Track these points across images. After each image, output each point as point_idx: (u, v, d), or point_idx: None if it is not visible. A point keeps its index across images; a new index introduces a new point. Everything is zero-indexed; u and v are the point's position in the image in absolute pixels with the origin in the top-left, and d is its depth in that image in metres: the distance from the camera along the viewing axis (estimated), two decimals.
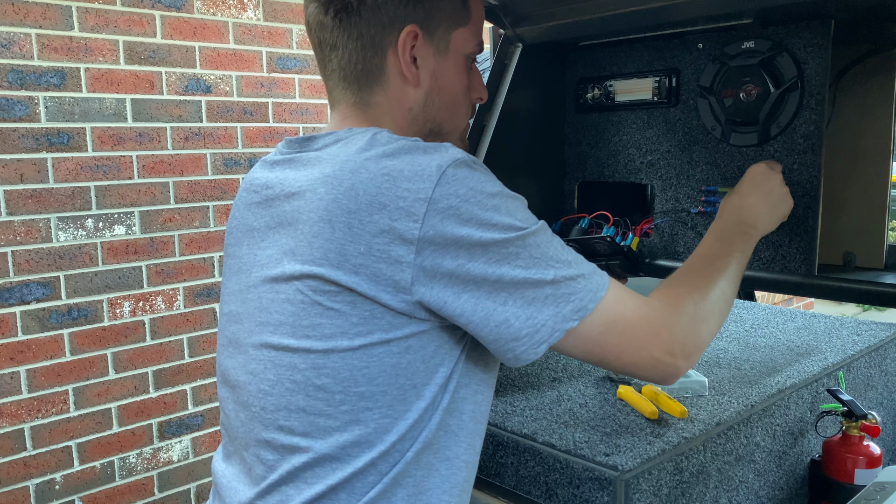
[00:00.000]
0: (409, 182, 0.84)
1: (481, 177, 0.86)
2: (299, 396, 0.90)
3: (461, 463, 0.95)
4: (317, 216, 0.87)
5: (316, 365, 0.88)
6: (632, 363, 0.92)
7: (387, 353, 0.87)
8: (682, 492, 1.23)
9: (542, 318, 0.86)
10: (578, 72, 1.67)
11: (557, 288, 0.86)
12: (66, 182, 2.53)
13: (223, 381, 1.03)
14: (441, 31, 1.00)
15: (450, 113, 1.05)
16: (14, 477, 2.50)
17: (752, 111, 1.35)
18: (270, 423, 0.93)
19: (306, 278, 0.87)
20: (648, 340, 0.91)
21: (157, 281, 2.78)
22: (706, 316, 0.97)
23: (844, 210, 1.39)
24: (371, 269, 0.84)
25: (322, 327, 0.88)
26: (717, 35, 1.42)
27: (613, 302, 0.89)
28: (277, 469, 0.92)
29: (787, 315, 2.12)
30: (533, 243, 0.86)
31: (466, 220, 0.83)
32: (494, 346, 0.88)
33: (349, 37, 0.96)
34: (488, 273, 0.84)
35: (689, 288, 0.99)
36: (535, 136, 1.67)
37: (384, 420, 0.88)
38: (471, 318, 0.86)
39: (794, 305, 5.16)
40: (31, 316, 2.49)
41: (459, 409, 0.93)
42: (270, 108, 3.04)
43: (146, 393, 2.79)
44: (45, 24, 2.44)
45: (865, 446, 1.51)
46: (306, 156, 0.95)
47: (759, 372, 1.59)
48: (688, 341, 0.94)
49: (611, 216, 1.51)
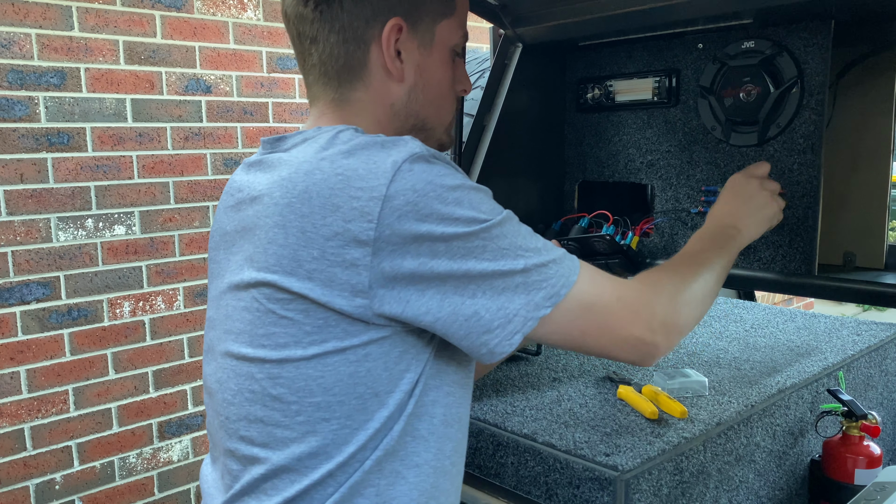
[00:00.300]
0: (363, 181, 0.80)
1: (441, 170, 0.82)
2: (257, 407, 0.88)
3: (429, 469, 0.90)
4: (272, 221, 0.84)
5: (271, 375, 0.86)
6: (612, 344, 0.89)
7: (342, 361, 0.84)
8: (682, 492, 1.23)
9: (513, 308, 0.82)
10: (578, 72, 1.67)
11: (528, 276, 0.83)
12: (66, 182, 2.53)
13: (204, 386, 1.02)
14: (426, 24, 0.96)
15: (435, 108, 1.01)
16: (14, 477, 2.50)
17: (752, 111, 1.35)
18: (233, 433, 0.92)
19: (261, 286, 0.85)
20: (627, 320, 0.89)
21: (157, 281, 2.78)
22: (688, 299, 0.95)
23: (844, 210, 1.39)
24: (325, 274, 0.81)
25: (276, 336, 0.85)
26: (717, 35, 1.42)
27: (588, 285, 0.86)
28: (240, 479, 0.91)
29: (787, 315, 2.12)
30: (499, 234, 0.83)
31: (426, 216, 0.79)
32: (466, 343, 0.84)
33: (330, 29, 0.92)
34: (453, 269, 0.81)
35: (671, 273, 0.97)
36: (535, 136, 1.67)
37: (343, 431, 0.85)
38: (437, 315, 0.82)
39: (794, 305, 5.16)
40: (31, 316, 2.49)
41: (430, 413, 0.89)
42: (270, 108, 3.04)
43: (146, 393, 2.79)
44: (45, 24, 2.44)
45: (865, 446, 1.51)
46: (275, 157, 0.92)
47: (759, 372, 1.59)
48: (667, 319, 0.91)
49: (610, 215, 1.51)
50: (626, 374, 1.59)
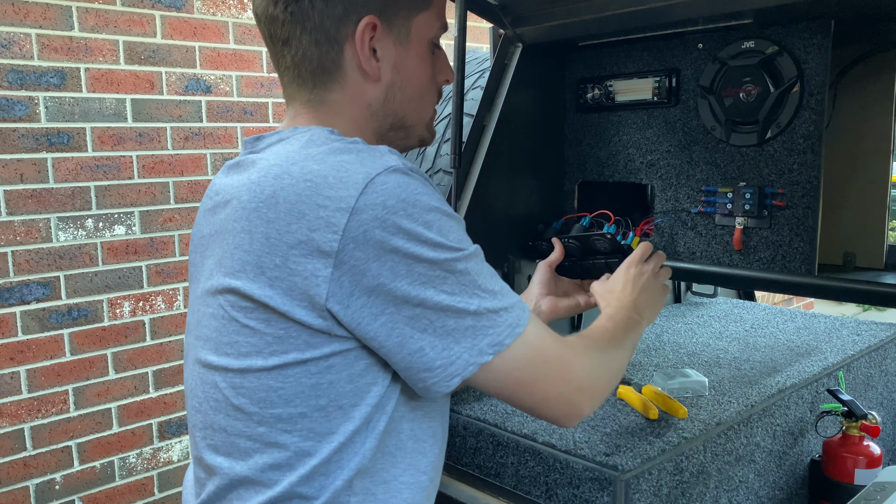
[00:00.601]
0: (332, 189, 0.77)
1: (417, 187, 0.79)
2: (220, 416, 0.86)
3: (399, 485, 0.88)
4: (239, 226, 0.83)
5: (234, 384, 0.84)
6: (543, 399, 0.89)
7: (304, 373, 0.81)
8: (682, 492, 1.23)
9: (458, 350, 0.81)
10: (578, 72, 1.67)
11: (478, 320, 0.81)
12: (66, 182, 2.53)
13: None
14: (401, 19, 0.93)
15: (414, 105, 0.98)
16: (14, 477, 2.50)
17: (752, 111, 1.35)
18: (200, 441, 0.91)
19: (227, 292, 0.83)
20: (562, 377, 0.89)
21: (157, 281, 2.78)
22: (608, 369, 0.98)
23: (844, 210, 1.39)
24: (286, 283, 0.78)
25: (239, 345, 0.83)
26: (717, 35, 1.42)
27: (532, 337, 0.86)
28: (206, 488, 0.90)
29: (787, 315, 2.12)
30: (463, 269, 0.81)
31: (393, 234, 0.77)
32: (405, 374, 0.83)
33: (302, 30, 0.89)
34: (411, 295, 0.78)
35: (595, 343, 0.99)
36: (535, 136, 1.67)
37: (305, 443, 0.83)
38: (384, 342, 0.80)
39: (794, 305, 5.16)
40: (31, 316, 2.49)
41: (397, 428, 0.87)
42: (270, 108, 3.04)
43: (146, 393, 2.79)
44: (45, 24, 2.44)
45: (865, 446, 1.51)
46: (251, 158, 0.90)
47: (759, 372, 1.59)
48: (595, 384, 0.93)
49: (612, 215, 1.51)
50: (626, 374, 1.59)
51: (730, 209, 1.40)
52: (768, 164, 1.36)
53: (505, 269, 1.63)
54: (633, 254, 1.22)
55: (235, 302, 0.83)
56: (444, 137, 1.98)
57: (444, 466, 1.38)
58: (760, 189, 1.36)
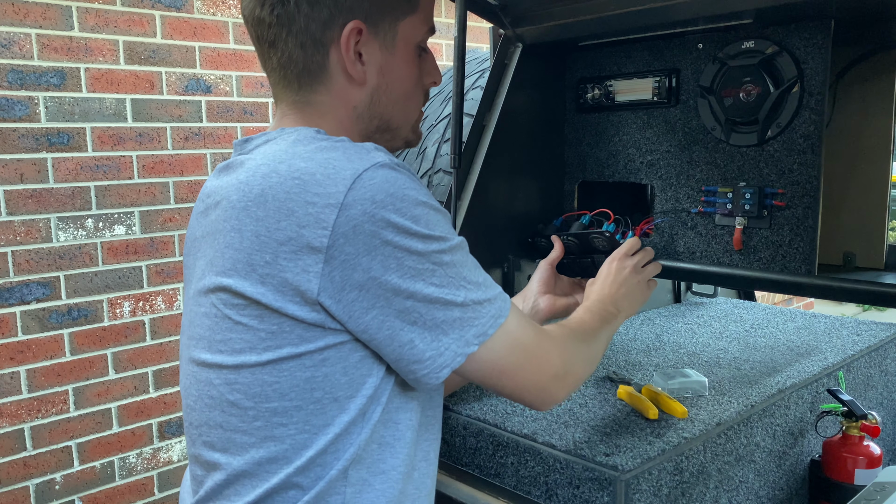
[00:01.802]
0: (320, 186, 0.78)
1: (405, 182, 0.81)
2: (216, 412, 0.88)
3: (397, 475, 0.89)
4: (229, 225, 0.84)
5: (228, 381, 0.86)
6: (522, 386, 0.92)
7: (298, 367, 0.83)
8: (682, 492, 1.23)
9: (446, 342, 0.83)
10: (578, 72, 1.67)
11: (465, 311, 0.83)
12: (66, 182, 2.53)
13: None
14: (387, 24, 0.93)
15: (400, 108, 0.99)
16: (14, 477, 2.50)
17: (752, 111, 1.35)
18: (197, 439, 0.92)
19: (219, 291, 0.85)
20: (540, 366, 0.93)
21: (157, 281, 2.78)
22: (583, 358, 1.02)
23: (844, 210, 1.39)
24: (277, 280, 0.80)
25: (232, 342, 0.85)
26: (717, 35, 1.42)
27: (514, 327, 0.89)
28: (204, 485, 0.91)
29: (787, 315, 2.12)
30: (449, 261, 0.83)
31: (382, 228, 0.78)
32: (396, 366, 0.85)
33: (288, 33, 0.90)
34: (401, 288, 0.80)
35: (573, 333, 1.03)
36: (535, 136, 1.67)
37: (301, 436, 0.84)
38: (374, 335, 0.82)
39: (794, 305, 5.16)
40: (31, 316, 2.49)
41: (394, 419, 0.89)
42: (270, 109, 3.04)
43: (146, 393, 2.79)
44: (45, 24, 2.44)
45: (865, 446, 1.51)
46: (240, 159, 0.91)
47: (759, 372, 1.59)
48: (570, 372, 0.97)
49: (612, 214, 1.51)
50: (626, 374, 1.59)
51: (730, 209, 1.40)
52: (768, 164, 1.36)
53: (505, 269, 1.63)
54: (618, 248, 1.24)
55: (227, 300, 0.84)
56: (444, 137, 1.98)
57: (444, 466, 1.38)
58: (760, 189, 1.36)
